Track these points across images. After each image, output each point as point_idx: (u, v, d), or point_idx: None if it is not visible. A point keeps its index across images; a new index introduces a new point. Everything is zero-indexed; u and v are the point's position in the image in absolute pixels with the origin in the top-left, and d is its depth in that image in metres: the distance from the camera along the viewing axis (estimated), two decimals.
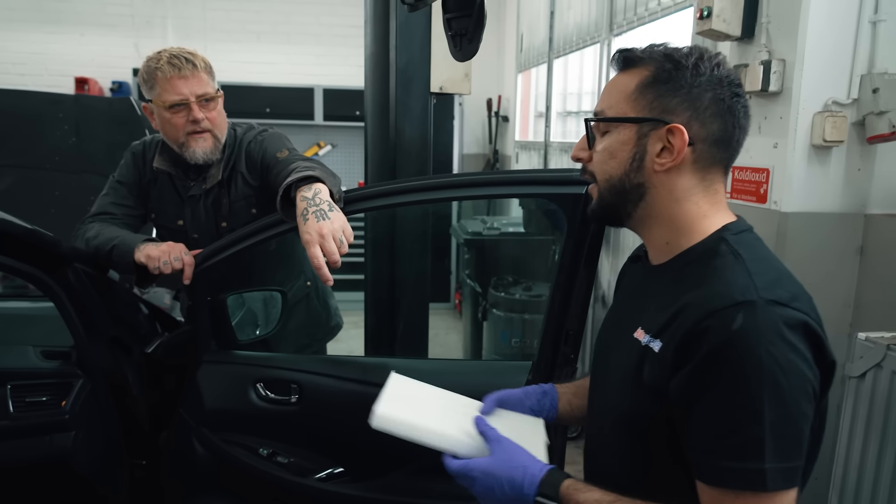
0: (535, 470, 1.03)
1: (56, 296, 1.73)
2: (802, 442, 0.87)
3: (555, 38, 5.14)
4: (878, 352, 1.71)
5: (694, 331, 0.88)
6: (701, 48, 0.99)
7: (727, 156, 1.01)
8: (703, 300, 0.90)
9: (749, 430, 0.84)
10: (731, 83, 0.97)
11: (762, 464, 0.83)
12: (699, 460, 0.89)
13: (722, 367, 0.86)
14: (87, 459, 1.80)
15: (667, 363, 0.92)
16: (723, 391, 0.86)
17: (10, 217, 1.58)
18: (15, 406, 1.72)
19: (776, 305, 0.86)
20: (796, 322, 0.86)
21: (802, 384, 0.86)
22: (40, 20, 6.31)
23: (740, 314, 0.85)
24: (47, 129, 3.00)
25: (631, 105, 0.99)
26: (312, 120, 6.31)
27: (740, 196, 2.28)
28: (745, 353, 0.84)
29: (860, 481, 1.80)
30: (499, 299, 4.04)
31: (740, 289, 0.88)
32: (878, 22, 2.00)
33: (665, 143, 0.97)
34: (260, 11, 6.59)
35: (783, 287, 0.90)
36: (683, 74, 0.96)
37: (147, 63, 1.92)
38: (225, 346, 1.93)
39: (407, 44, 2.25)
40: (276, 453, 1.83)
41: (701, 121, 0.96)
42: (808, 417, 0.88)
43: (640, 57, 1.00)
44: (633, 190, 1.01)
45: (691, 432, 0.90)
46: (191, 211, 2.06)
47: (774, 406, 0.83)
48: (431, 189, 1.66)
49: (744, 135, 1.01)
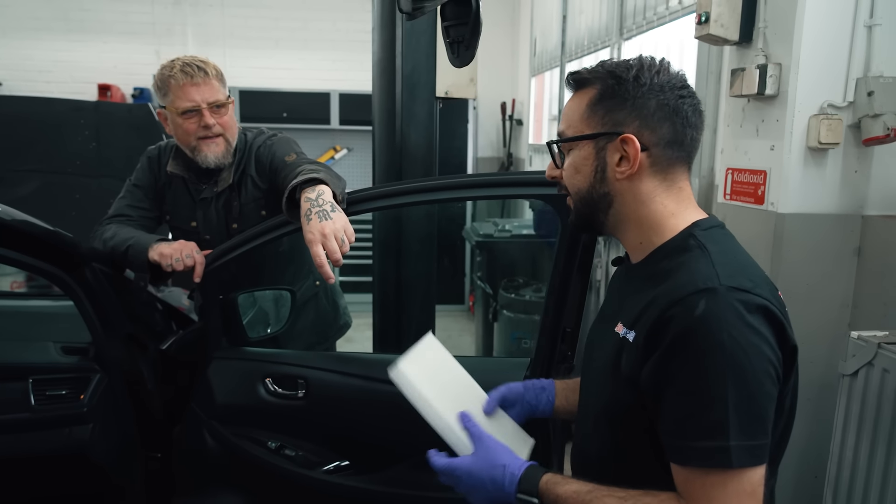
0: (514, 468, 1.08)
1: (75, 294, 1.81)
2: (766, 421, 0.91)
3: (567, 43, 5.19)
4: (869, 350, 1.74)
5: (660, 319, 0.94)
6: (644, 59, 1.05)
7: (684, 154, 1.06)
8: (670, 290, 0.95)
9: (714, 410, 0.88)
10: (672, 87, 1.03)
11: (727, 441, 0.88)
12: (669, 443, 0.94)
13: (686, 352, 0.91)
14: (103, 451, 1.87)
15: (639, 352, 0.97)
16: (688, 375, 0.91)
17: (31, 219, 1.66)
18: (36, 399, 1.80)
19: (737, 291, 0.91)
20: (756, 306, 0.91)
21: (764, 366, 0.90)
22: (65, 29, 6.48)
23: (703, 300, 0.91)
24: (69, 135, 3.11)
25: (586, 122, 1.06)
26: (328, 124, 6.40)
27: (738, 198, 2.31)
28: (708, 337, 0.89)
29: (853, 477, 1.82)
30: (509, 301, 4.08)
31: (703, 277, 0.93)
32: (874, 26, 2.03)
33: (622, 153, 1.03)
34: (278, 18, 6.70)
35: (744, 275, 0.95)
36: (626, 87, 1.02)
37: (161, 71, 2.00)
38: (235, 343, 2.00)
39: (413, 50, 2.30)
40: (283, 446, 1.88)
41: (651, 127, 1.02)
42: (772, 398, 0.92)
43: (586, 78, 1.07)
44: (601, 199, 1.07)
45: (662, 416, 0.95)
46: (203, 213, 2.14)
47: (738, 387, 0.88)
48: (425, 191, 1.71)
49: (696, 132, 1.06)
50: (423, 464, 1.20)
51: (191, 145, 2.02)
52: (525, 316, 4.00)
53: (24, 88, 6.29)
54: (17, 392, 1.79)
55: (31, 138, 3.22)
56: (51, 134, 3.18)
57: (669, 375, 0.93)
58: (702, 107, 1.07)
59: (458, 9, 1.63)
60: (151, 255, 1.88)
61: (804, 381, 2.18)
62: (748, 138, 2.27)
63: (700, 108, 1.06)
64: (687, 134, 1.04)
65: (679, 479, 0.94)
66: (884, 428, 1.72)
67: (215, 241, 2.09)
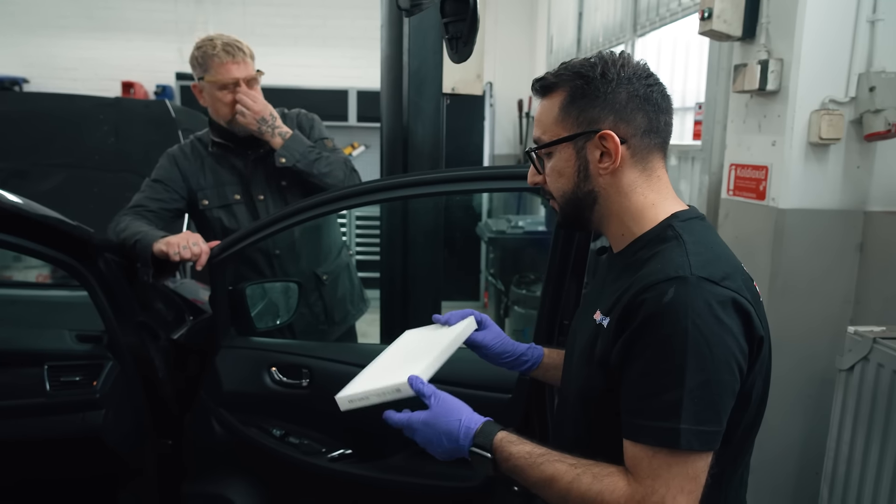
0: (469, 423, 1.10)
1: (89, 283, 1.88)
2: (720, 410, 0.93)
3: (583, 39, 5.19)
4: (864, 345, 1.74)
5: (632, 303, 0.97)
6: (605, 55, 1.07)
7: (660, 140, 1.08)
8: (643, 277, 0.98)
9: (670, 392, 0.91)
10: (639, 76, 1.05)
11: (678, 424, 0.90)
12: (626, 420, 0.97)
13: (651, 336, 0.94)
14: (116, 435, 1.94)
15: (610, 336, 1.01)
16: (650, 357, 0.94)
17: (49, 211, 1.73)
18: (51, 385, 1.87)
19: (707, 282, 0.94)
20: (725, 298, 0.93)
21: (726, 356, 0.92)
22: (91, 27, 6.60)
23: (672, 288, 0.93)
24: (90, 130, 3.19)
25: (561, 126, 1.08)
26: (346, 121, 6.46)
27: (741, 193, 2.32)
28: (673, 323, 0.92)
29: (849, 472, 1.83)
30: (520, 296, 4.11)
31: (675, 266, 0.96)
32: (877, 21, 2.02)
33: (602, 149, 1.06)
34: (298, 16, 6.76)
35: (717, 267, 0.97)
36: (595, 85, 1.04)
37: (202, 49, 2.18)
38: (243, 333, 2.05)
39: (419, 47, 2.34)
40: (288, 434, 1.93)
41: (625, 119, 1.05)
42: (730, 388, 0.94)
43: (553, 82, 1.09)
44: (586, 197, 1.10)
45: (622, 395, 0.98)
46: (253, 175, 2.28)
47: (696, 373, 0.91)
48: (420, 185, 1.74)
49: (668, 116, 1.08)
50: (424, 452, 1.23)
51: (227, 116, 2.21)
52: (535, 312, 4.01)
53: (50, 86, 6.43)
54: (34, 378, 1.86)
55: (54, 134, 3.30)
56: (72, 130, 3.26)
57: (633, 356, 0.96)
58: (668, 91, 1.09)
59: (457, 5, 1.66)
60: (157, 246, 1.94)
61: (804, 377, 2.20)
62: (751, 134, 2.28)
63: (667, 93, 1.09)
64: (660, 119, 1.07)
65: (628, 455, 0.96)
66: (879, 422, 1.73)
67: (268, 202, 2.28)
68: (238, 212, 2.29)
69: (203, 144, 2.31)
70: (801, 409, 2.20)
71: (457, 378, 1.74)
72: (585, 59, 1.08)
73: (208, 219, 2.29)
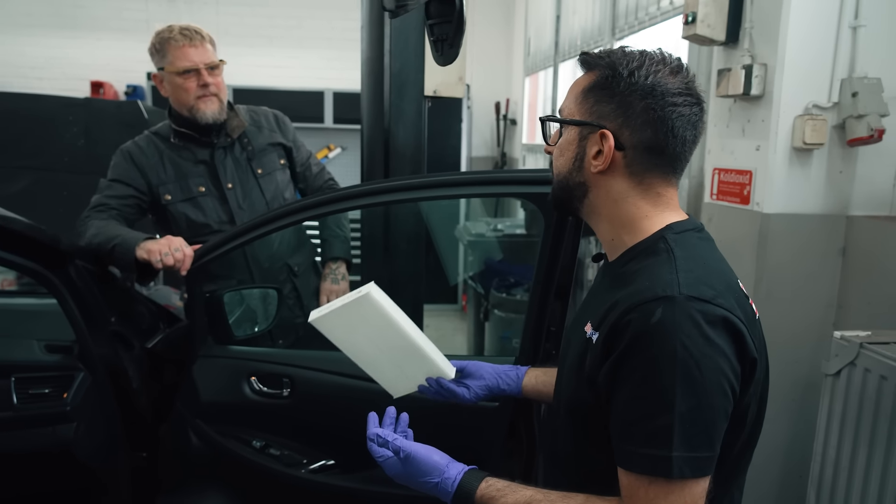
0: (446, 485, 1.07)
1: (58, 291, 1.80)
2: (713, 434, 0.90)
3: (561, 42, 5.19)
4: (851, 350, 1.75)
5: (618, 323, 0.93)
6: (649, 55, 1.00)
7: (663, 163, 1.01)
8: (630, 295, 0.94)
9: (659, 418, 0.87)
10: (666, 93, 0.97)
11: (669, 451, 0.87)
12: (616, 446, 0.94)
13: (639, 358, 0.90)
14: (88, 449, 1.87)
15: (598, 354, 0.96)
16: (638, 381, 0.90)
17: (14, 215, 1.66)
18: (19, 398, 1.80)
19: (696, 301, 0.89)
20: (716, 318, 0.89)
21: (717, 378, 0.88)
22: (58, 25, 6.45)
23: (660, 308, 0.89)
24: (59, 131, 3.10)
25: (577, 107, 1.04)
26: (322, 123, 6.39)
27: (725, 197, 2.32)
28: (661, 345, 0.88)
29: (836, 476, 1.83)
30: (500, 300, 4.08)
31: (663, 284, 0.92)
32: (858, 27, 2.03)
33: (599, 147, 1.01)
34: (273, 16, 6.68)
35: (707, 284, 0.93)
36: (619, 82, 0.99)
37: (159, 35, 2.12)
38: (221, 342, 2.00)
39: (401, 49, 2.30)
40: (268, 445, 1.88)
41: (631, 128, 0.99)
42: (723, 411, 0.90)
43: (591, 61, 1.04)
44: (577, 187, 1.06)
45: (612, 419, 0.95)
46: (222, 164, 2.22)
47: (686, 397, 0.87)
48: (411, 189, 1.70)
49: (682, 144, 1.00)
50: None
51: (189, 104, 2.14)
52: (516, 315, 4.00)
53: (17, 85, 6.25)
54: (0, 390, 1.79)
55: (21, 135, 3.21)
56: (40, 131, 3.17)
57: (621, 379, 0.92)
58: (703, 118, 1.02)
59: (443, 7, 1.63)
60: (139, 252, 1.88)
61: (789, 381, 2.21)
62: (734, 138, 2.28)
63: (696, 120, 1.00)
64: (669, 145, 0.99)
65: (623, 483, 0.93)
66: (866, 427, 1.73)
67: (237, 190, 2.21)
68: (204, 204, 2.21)
69: (161, 137, 2.23)
70: (786, 414, 2.21)
71: None
72: (636, 50, 1.01)
73: (172, 214, 2.20)
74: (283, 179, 2.33)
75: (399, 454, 1.13)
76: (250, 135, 2.28)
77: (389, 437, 1.16)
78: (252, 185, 2.24)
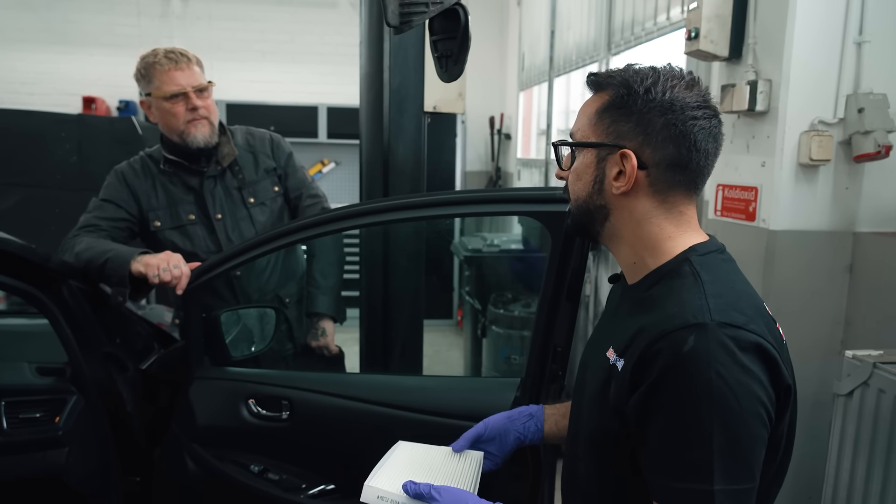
0: None
1: (50, 312, 1.76)
2: (753, 464, 0.87)
3: (555, 58, 5.20)
4: (864, 370, 1.72)
5: (648, 352, 0.89)
6: (664, 71, 0.99)
7: (687, 179, 0.99)
8: (658, 322, 0.91)
9: (698, 451, 0.85)
10: (685, 107, 0.96)
11: (711, 486, 0.84)
12: (652, 480, 0.90)
13: (672, 389, 0.87)
14: (80, 475, 1.82)
15: (625, 383, 0.93)
16: (673, 412, 0.87)
17: (3, 234, 1.61)
18: (9, 422, 1.75)
19: (729, 327, 0.87)
20: (749, 344, 0.87)
21: (754, 407, 0.86)
22: (49, 41, 6.41)
23: (692, 336, 0.86)
24: (51, 148, 3.06)
25: (592, 129, 1.01)
26: (316, 138, 6.37)
27: (730, 214, 2.30)
28: (695, 375, 0.85)
29: (850, 499, 1.79)
30: (497, 316, 4.05)
31: (693, 311, 0.89)
32: (863, 43, 2.03)
33: (620, 167, 0.98)
34: (265, 31, 6.67)
35: (738, 310, 0.90)
36: (635, 99, 0.97)
37: (144, 60, 2.07)
38: (218, 363, 1.95)
39: (400, 64, 2.28)
40: (267, 470, 1.84)
41: (653, 146, 0.96)
42: (761, 440, 0.88)
43: (602, 81, 1.02)
44: (598, 211, 1.03)
45: (645, 452, 0.91)
46: (211, 193, 2.17)
47: (724, 428, 0.84)
48: (414, 207, 1.67)
49: (705, 157, 0.99)
50: None
51: (179, 129, 2.09)
52: (514, 331, 3.97)
53: (7, 101, 6.19)
54: None
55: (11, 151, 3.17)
56: (31, 147, 3.13)
57: (654, 411, 0.89)
58: (721, 129, 1.01)
59: (447, 23, 1.60)
60: (135, 266, 1.84)
61: None
62: (739, 154, 2.26)
63: (717, 133, 0.99)
64: (693, 159, 0.97)
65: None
66: (880, 449, 1.70)
67: (226, 220, 2.17)
68: (192, 233, 2.17)
69: (154, 161, 2.19)
70: None
71: (449, 409, 1.68)
72: (647, 67, 1.00)
73: (160, 241, 2.16)
74: (276, 208, 2.28)
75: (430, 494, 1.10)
76: (243, 162, 2.23)
77: (420, 484, 1.12)
78: (242, 215, 2.20)
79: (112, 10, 6.43)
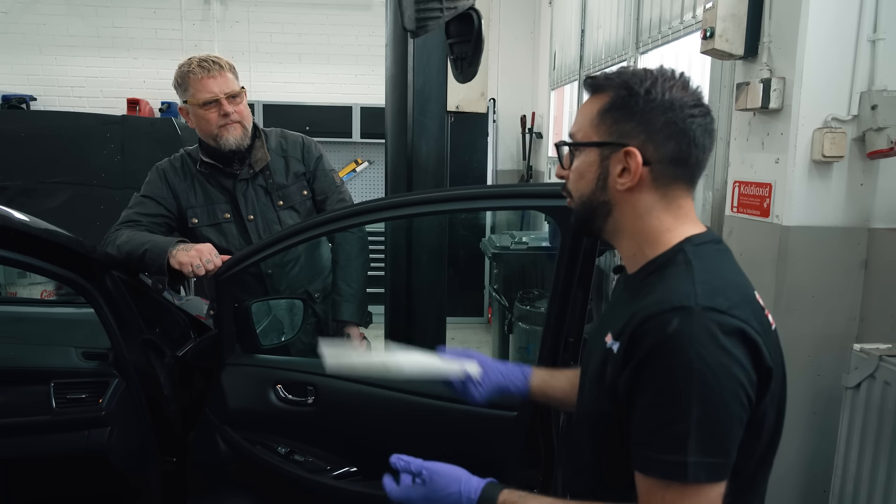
0: (469, 491, 1.12)
1: (95, 301, 1.88)
2: (728, 441, 0.92)
3: (585, 56, 5.22)
4: (870, 363, 1.74)
5: (637, 333, 0.96)
6: (660, 72, 1.04)
7: (687, 173, 1.05)
8: (648, 305, 0.97)
9: (676, 425, 0.90)
10: (683, 105, 1.02)
11: (685, 457, 0.90)
12: (636, 452, 0.97)
13: (656, 367, 0.93)
14: (121, 454, 1.93)
15: (618, 364, 1.00)
16: (656, 389, 0.93)
17: (55, 228, 1.74)
18: (57, 402, 1.87)
19: (713, 312, 0.92)
20: (732, 328, 0.92)
21: (733, 387, 0.91)
22: (98, 46, 6.66)
23: (676, 318, 0.92)
24: (96, 148, 3.22)
25: (594, 129, 1.07)
26: (350, 137, 6.49)
27: (745, 210, 2.32)
28: (678, 354, 0.91)
29: (857, 490, 1.81)
30: (524, 312, 4.10)
31: (680, 295, 0.95)
32: (877, 41, 2.04)
33: (624, 165, 1.04)
34: (302, 34, 6.82)
35: (724, 295, 0.96)
36: (636, 100, 1.02)
37: (179, 69, 2.18)
38: (248, 350, 2.05)
39: (424, 65, 2.35)
40: (293, 452, 1.93)
41: (655, 143, 1.02)
42: (738, 419, 0.93)
43: (602, 84, 1.08)
44: (601, 207, 1.09)
45: (632, 426, 0.97)
46: (243, 195, 2.28)
47: (702, 405, 0.90)
48: (430, 202, 1.74)
49: (702, 152, 1.05)
50: None
51: (213, 133, 2.19)
52: (540, 328, 4.00)
53: (57, 103, 6.47)
54: (40, 395, 1.86)
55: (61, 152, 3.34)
56: (78, 148, 3.29)
57: (639, 387, 0.95)
58: (714, 126, 1.07)
59: (461, 27, 1.68)
60: (172, 263, 1.96)
61: (811, 394, 2.20)
62: (754, 151, 2.29)
63: (711, 129, 1.05)
64: (692, 154, 1.04)
65: (641, 489, 0.96)
66: (886, 440, 1.72)
67: (258, 221, 2.28)
68: (228, 231, 2.30)
69: (193, 161, 2.31)
70: (807, 427, 2.20)
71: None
72: (641, 69, 1.06)
73: (198, 237, 2.27)
74: (305, 211, 2.38)
75: (421, 474, 1.17)
76: (275, 166, 2.33)
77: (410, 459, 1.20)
78: (272, 217, 2.31)
79: (156, 15, 6.65)
